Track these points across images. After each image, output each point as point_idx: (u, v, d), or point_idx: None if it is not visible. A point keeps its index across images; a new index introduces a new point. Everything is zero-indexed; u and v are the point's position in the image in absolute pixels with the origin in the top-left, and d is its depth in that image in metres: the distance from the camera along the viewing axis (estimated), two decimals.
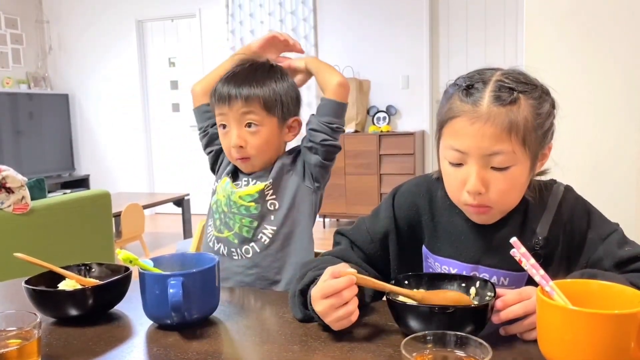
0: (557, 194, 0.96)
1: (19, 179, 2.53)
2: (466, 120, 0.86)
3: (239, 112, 1.21)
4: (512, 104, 0.85)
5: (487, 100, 0.85)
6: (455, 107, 0.88)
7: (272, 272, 1.23)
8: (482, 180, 0.87)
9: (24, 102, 6.04)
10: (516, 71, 0.91)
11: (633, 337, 0.64)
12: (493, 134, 0.84)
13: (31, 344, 0.73)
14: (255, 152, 1.23)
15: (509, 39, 5.00)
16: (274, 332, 0.87)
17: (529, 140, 0.86)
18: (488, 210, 0.90)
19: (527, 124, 0.85)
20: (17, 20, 6.25)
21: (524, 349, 0.76)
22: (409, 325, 0.78)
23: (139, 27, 6.27)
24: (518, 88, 0.86)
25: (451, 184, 0.92)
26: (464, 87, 0.89)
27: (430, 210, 1.02)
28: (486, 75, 0.90)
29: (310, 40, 5.46)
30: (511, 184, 0.88)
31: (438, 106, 0.95)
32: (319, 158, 1.25)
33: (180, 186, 6.12)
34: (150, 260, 0.94)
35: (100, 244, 3.10)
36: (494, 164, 0.86)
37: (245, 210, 1.24)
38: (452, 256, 0.98)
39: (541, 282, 0.74)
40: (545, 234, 0.92)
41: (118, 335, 0.87)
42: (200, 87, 1.38)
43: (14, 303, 1.06)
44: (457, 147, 0.88)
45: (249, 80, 1.22)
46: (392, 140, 4.96)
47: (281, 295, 1.09)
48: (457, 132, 0.88)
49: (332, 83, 1.26)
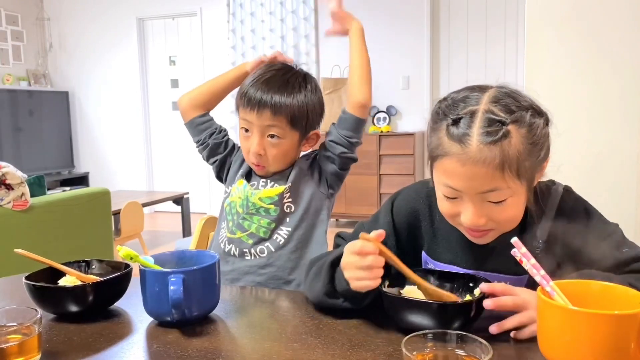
0: (556, 195, 0.95)
1: (19, 176, 2.53)
2: (456, 161, 0.82)
3: (264, 123, 1.21)
4: (502, 139, 0.80)
5: (476, 140, 0.80)
6: (444, 145, 0.84)
7: (286, 271, 1.24)
8: (479, 215, 0.85)
9: (24, 99, 6.04)
10: (505, 92, 0.85)
11: (633, 338, 0.64)
12: (485, 174, 0.81)
13: (31, 340, 0.73)
14: (272, 161, 1.24)
15: (509, 40, 5.00)
16: (274, 330, 0.87)
17: (523, 170, 0.83)
18: (487, 233, 0.90)
19: (520, 155, 0.81)
20: (18, 17, 6.25)
21: (525, 348, 0.77)
22: (401, 318, 0.81)
23: (140, 26, 6.26)
24: (508, 120, 0.81)
25: (447, 211, 0.90)
26: (450, 121, 0.84)
27: (430, 216, 1.01)
28: (472, 103, 0.84)
29: (311, 39, 5.46)
30: (510, 213, 0.87)
31: (426, 128, 0.90)
32: (335, 168, 1.28)
33: (179, 185, 6.12)
34: (151, 257, 0.93)
35: (100, 242, 3.10)
36: (490, 199, 0.84)
37: (264, 212, 1.25)
38: (452, 262, 0.97)
39: (542, 282, 0.74)
40: (545, 237, 0.92)
41: (118, 331, 0.87)
42: (188, 100, 1.37)
43: (14, 299, 1.06)
44: (450, 185, 0.85)
45: (280, 90, 1.21)
46: (392, 140, 4.96)
47: (282, 294, 1.09)
48: (448, 173, 0.84)
49: (358, 101, 1.26)
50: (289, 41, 5.51)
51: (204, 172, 6.05)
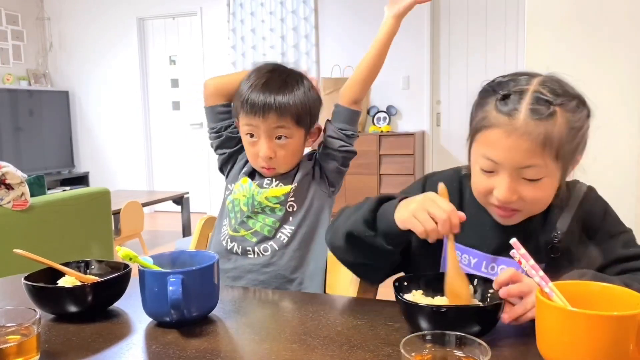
0: (579, 192, 0.99)
1: (19, 175, 2.53)
2: (502, 132, 0.86)
3: (272, 125, 1.21)
4: (548, 118, 0.85)
5: (524, 114, 0.85)
6: (491, 117, 0.88)
7: (289, 270, 1.24)
8: (512, 191, 0.88)
9: (24, 99, 6.04)
10: (553, 79, 0.90)
11: (632, 339, 0.64)
12: (528, 148, 0.85)
13: (30, 340, 0.73)
14: (282, 162, 1.25)
15: (509, 41, 5.00)
16: (273, 330, 0.87)
17: (562, 153, 0.86)
18: (515, 213, 0.92)
19: (561, 137, 0.85)
20: (18, 16, 6.25)
21: (523, 350, 0.77)
22: (417, 324, 0.78)
23: (140, 25, 6.26)
24: (555, 101, 0.86)
25: (480, 188, 0.93)
26: (500, 96, 0.88)
27: (460, 200, 1.03)
28: (522, 84, 0.88)
29: (311, 39, 5.46)
30: (541, 194, 0.90)
31: (472, 107, 0.95)
32: (336, 164, 1.29)
33: (179, 184, 6.12)
34: (150, 257, 0.93)
35: (99, 242, 3.10)
36: (526, 175, 0.87)
37: (270, 211, 1.26)
38: (474, 246, 0.99)
39: (540, 283, 0.74)
40: (565, 229, 0.95)
41: (117, 332, 0.87)
42: (214, 86, 1.35)
43: (14, 299, 1.06)
44: (490, 157, 0.88)
45: (282, 91, 1.21)
46: (392, 140, 4.96)
47: (281, 295, 1.09)
48: (491, 143, 0.88)
49: (354, 97, 1.29)
50: (289, 41, 5.51)
51: (204, 172, 6.06)
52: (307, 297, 1.08)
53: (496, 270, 0.97)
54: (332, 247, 1.06)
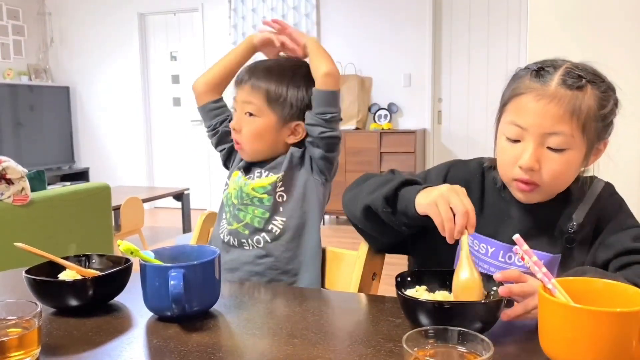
0: (597, 187, 1.01)
1: (19, 170, 2.53)
2: (532, 97, 0.90)
3: (242, 98, 1.24)
4: (579, 89, 0.88)
5: (556, 82, 0.89)
6: (524, 85, 0.92)
7: (283, 261, 1.24)
8: (536, 158, 0.90)
9: (24, 94, 6.04)
10: (587, 64, 0.94)
11: (635, 336, 0.64)
12: (556, 114, 0.88)
13: (31, 333, 0.73)
14: (245, 139, 1.25)
15: (511, 38, 4.99)
16: (274, 325, 0.87)
17: (589, 128, 0.89)
18: (535, 188, 0.94)
19: (589, 111, 0.89)
20: (19, 11, 6.24)
21: (526, 346, 0.76)
22: (417, 320, 0.78)
23: (141, 21, 6.26)
24: (587, 77, 0.90)
25: (505, 159, 0.95)
26: (534, 69, 0.92)
27: (481, 190, 1.05)
28: (557, 63, 0.93)
29: (313, 36, 5.45)
30: (564, 167, 0.91)
31: (503, 89, 0.98)
32: (321, 151, 1.25)
33: (180, 180, 6.12)
34: (151, 252, 0.93)
35: (100, 237, 3.10)
36: (551, 144, 0.90)
37: (258, 202, 1.25)
38: (492, 235, 1.01)
39: (543, 279, 0.74)
40: (581, 221, 0.96)
41: (118, 326, 0.87)
42: (202, 83, 1.36)
43: (14, 293, 1.06)
44: (518, 122, 0.91)
45: (264, 73, 1.23)
46: (393, 138, 4.96)
47: (282, 290, 1.09)
48: (521, 108, 0.91)
49: (320, 73, 1.23)
50: None
51: (204, 168, 6.05)
52: (309, 292, 1.08)
53: (513, 259, 0.98)
54: (347, 210, 1.09)
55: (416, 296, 0.83)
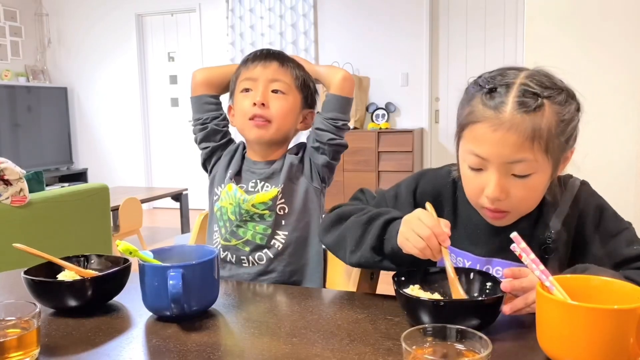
0: (572, 189, 0.96)
1: (17, 171, 2.52)
2: (488, 126, 0.83)
3: (269, 76, 1.20)
4: (536, 110, 0.82)
5: (511, 107, 0.83)
6: (477, 112, 0.86)
7: (286, 275, 1.22)
8: (502, 188, 0.86)
9: (22, 95, 6.02)
10: (541, 73, 0.88)
11: (632, 333, 0.64)
12: (515, 142, 0.82)
13: (30, 334, 0.73)
14: (276, 115, 1.20)
15: (508, 38, 5.00)
16: (273, 324, 0.87)
17: (552, 147, 0.84)
18: (505, 215, 0.90)
19: (550, 131, 0.83)
20: (17, 12, 6.23)
21: (524, 343, 0.77)
22: (418, 318, 0.79)
23: (139, 21, 6.25)
24: (543, 93, 0.83)
25: (470, 187, 0.91)
26: (486, 90, 0.86)
27: (453, 203, 1.01)
28: (509, 78, 0.86)
29: (310, 36, 5.46)
30: (531, 191, 0.87)
31: (458, 105, 0.93)
32: (326, 158, 1.24)
33: (178, 181, 6.12)
34: (150, 251, 0.93)
35: (98, 238, 3.10)
36: (515, 171, 0.85)
37: (259, 218, 1.21)
38: (467, 249, 0.99)
39: (541, 277, 0.74)
40: (558, 228, 0.92)
41: (117, 326, 0.87)
42: (203, 75, 1.33)
43: (13, 293, 1.06)
44: (477, 152, 0.86)
45: (288, 57, 1.25)
46: (390, 137, 4.96)
47: (281, 289, 1.09)
48: (478, 138, 0.85)
49: (337, 78, 1.23)
50: (288, 38, 5.51)
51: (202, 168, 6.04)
52: (307, 291, 1.08)
53: (491, 272, 0.95)
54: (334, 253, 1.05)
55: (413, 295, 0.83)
